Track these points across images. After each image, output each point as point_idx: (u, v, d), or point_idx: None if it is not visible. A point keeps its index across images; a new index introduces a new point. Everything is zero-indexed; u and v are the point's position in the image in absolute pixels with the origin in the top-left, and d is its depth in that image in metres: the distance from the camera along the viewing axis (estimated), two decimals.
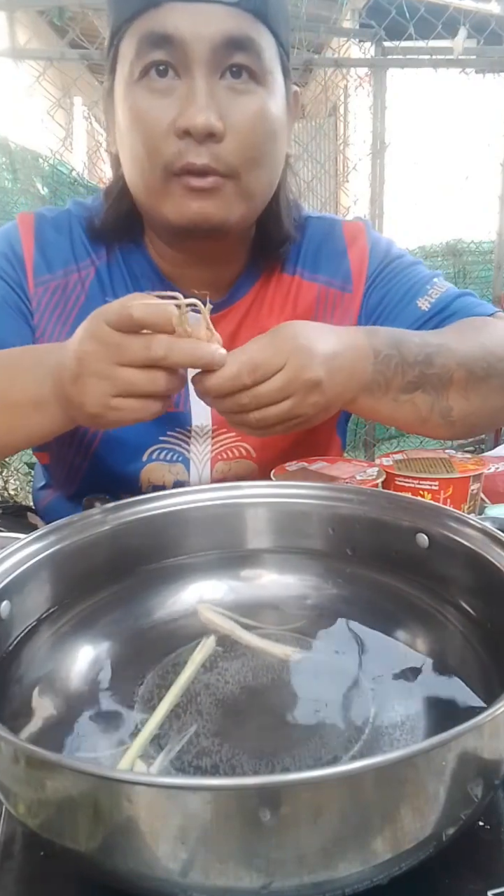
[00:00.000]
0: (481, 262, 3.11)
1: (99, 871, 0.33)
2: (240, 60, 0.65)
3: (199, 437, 0.83)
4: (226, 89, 0.66)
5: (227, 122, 0.66)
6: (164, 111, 0.66)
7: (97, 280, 0.81)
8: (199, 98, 0.64)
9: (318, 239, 0.86)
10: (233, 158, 0.67)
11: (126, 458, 0.82)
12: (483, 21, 2.75)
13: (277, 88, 0.70)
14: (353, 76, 3.14)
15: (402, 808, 0.30)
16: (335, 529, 0.59)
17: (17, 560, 0.49)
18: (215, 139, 0.66)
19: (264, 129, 0.68)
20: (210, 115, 0.64)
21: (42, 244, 0.80)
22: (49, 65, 2.32)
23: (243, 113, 0.66)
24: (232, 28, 0.64)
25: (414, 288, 0.84)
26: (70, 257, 0.80)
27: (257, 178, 0.70)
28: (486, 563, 0.48)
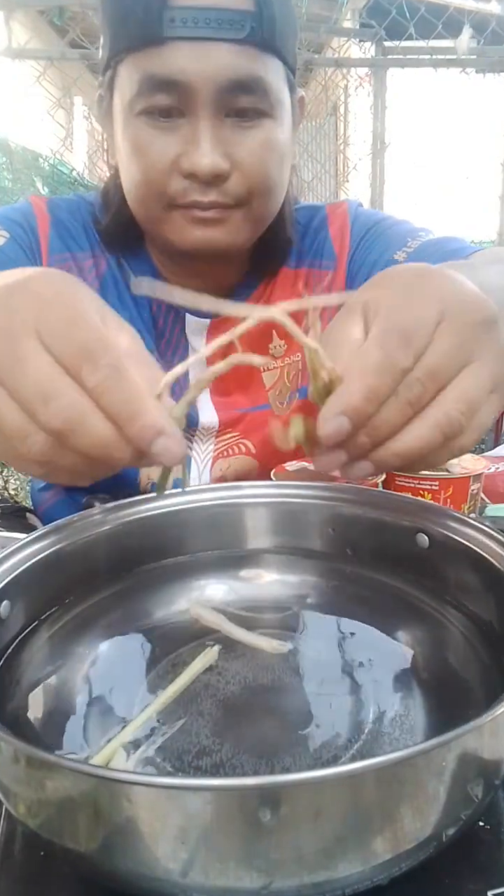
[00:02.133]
0: None
1: (99, 871, 0.33)
2: (245, 103, 0.64)
3: (204, 437, 0.83)
4: (232, 126, 0.64)
5: (234, 159, 0.64)
6: (167, 148, 0.64)
7: (110, 273, 0.79)
8: (204, 140, 0.62)
9: (304, 226, 0.84)
10: (241, 191, 0.66)
11: None
12: (483, 21, 2.74)
13: (286, 112, 0.68)
14: (354, 76, 3.14)
15: (402, 809, 0.30)
16: (335, 529, 0.59)
17: (17, 560, 0.49)
18: (222, 179, 0.64)
19: (272, 159, 0.67)
20: (215, 157, 0.63)
21: (57, 223, 0.78)
22: (49, 65, 2.32)
23: (250, 148, 0.65)
24: (238, 69, 0.62)
25: (394, 241, 0.80)
26: (84, 242, 0.78)
27: (265, 204, 0.69)
28: (486, 563, 0.48)
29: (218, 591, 0.56)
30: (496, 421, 3.01)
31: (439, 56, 2.53)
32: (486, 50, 2.62)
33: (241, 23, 0.60)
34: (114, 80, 0.67)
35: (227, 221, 0.67)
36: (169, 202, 0.66)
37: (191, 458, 0.84)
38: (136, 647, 0.50)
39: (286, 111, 0.68)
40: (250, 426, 0.84)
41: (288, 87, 0.68)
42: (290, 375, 0.85)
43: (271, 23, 0.62)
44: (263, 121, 0.65)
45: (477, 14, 2.70)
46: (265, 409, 0.84)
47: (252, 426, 0.84)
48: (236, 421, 0.84)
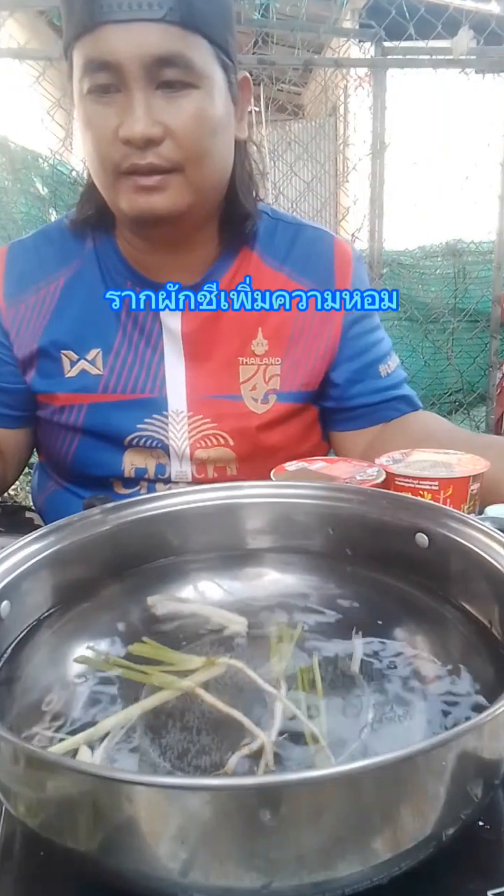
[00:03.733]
0: (481, 262, 3.11)
1: (99, 871, 0.33)
2: (170, 75, 0.71)
3: (176, 421, 0.87)
4: (162, 97, 0.72)
5: (166, 126, 0.72)
6: (109, 120, 0.72)
7: (66, 288, 0.87)
8: (136, 110, 0.71)
9: (308, 246, 0.90)
10: (174, 155, 0.73)
11: (107, 445, 0.87)
12: (483, 21, 2.74)
13: (215, 86, 0.75)
14: (353, 76, 3.14)
15: (402, 808, 0.30)
16: (335, 529, 0.59)
17: (17, 560, 0.49)
18: (155, 143, 0.72)
19: (202, 126, 0.74)
20: (146, 124, 0.70)
21: (11, 272, 0.88)
22: (49, 65, 2.32)
23: (180, 115, 0.72)
24: (160, 46, 0.69)
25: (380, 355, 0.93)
26: (39, 275, 0.87)
27: (202, 170, 0.76)
28: (485, 563, 0.48)
29: (218, 591, 0.56)
30: (496, 421, 3.02)
31: (439, 56, 2.54)
32: (486, 50, 2.62)
33: (159, 4, 0.69)
34: (71, 70, 0.76)
35: (166, 188, 0.75)
36: (115, 169, 0.74)
37: (168, 444, 0.87)
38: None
39: (216, 86, 0.75)
40: (222, 414, 0.87)
41: (221, 66, 0.75)
42: (267, 376, 0.88)
43: (190, 6, 0.70)
44: (191, 91, 0.72)
45: (477, 14, 2.70)
46: (237, 399, 0.88)
47: (223, 414, 0.87)
48: (207, 406, 0.87)
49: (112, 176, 0.75)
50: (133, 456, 0.87)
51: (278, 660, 0.45)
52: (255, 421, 0.87)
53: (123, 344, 0.86)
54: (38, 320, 0.86)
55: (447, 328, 3.06)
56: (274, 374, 0.88)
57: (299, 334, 0.88)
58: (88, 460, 0.88)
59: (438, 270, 3.14)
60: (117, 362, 0.86)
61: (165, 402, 0.86)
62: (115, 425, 0.86)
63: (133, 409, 0.86)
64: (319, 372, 0.90)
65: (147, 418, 0.86)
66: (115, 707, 0.44)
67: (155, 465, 0.88)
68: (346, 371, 0.91)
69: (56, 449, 0.90)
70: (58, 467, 0.93)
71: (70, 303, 0.87)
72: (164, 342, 0.86)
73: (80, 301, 0.87)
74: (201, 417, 0.87)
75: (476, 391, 3.13)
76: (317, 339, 0.89)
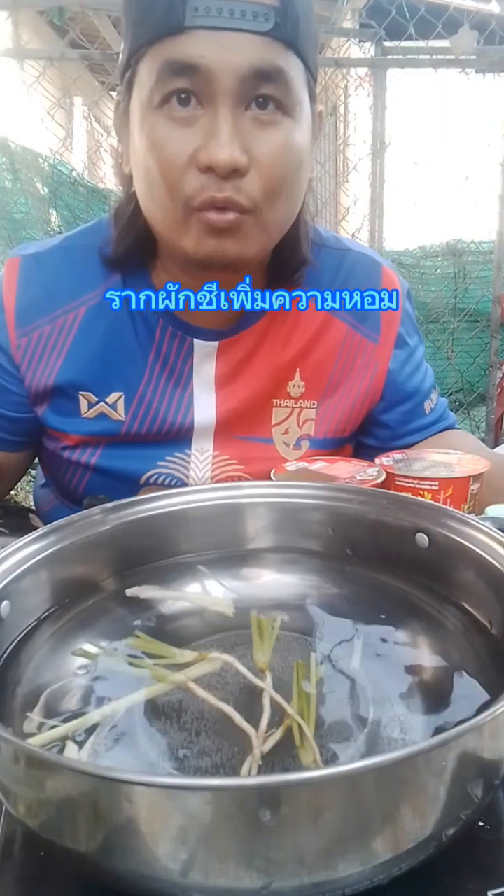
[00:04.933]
0: (481, 262, 3.11)
1: (99, 871, 0.33)
2: (267, 92, 0.62)
3: (199, 460, 0.81)
4: (251, 120, 0.63)
5: (252, 156, 0.63)
6: (185, 142, 0.63)
7: (87, 319, 0.78)
8: (223, 131, 0.61)
9: (355, 277, 0.83)
10: (256, 192, 0.65)
11: (123, 484, 0.80)
12: (483, 21, 2.74)
13: (305, 117, 0.67)
14: (353, 76, 3.13)
15: (402, 809, 0.30)
16: (335, 529, 0.59)
17: (17, 560, 0.49)
18: (239, 174, 0.63)
19: (289, 160, 0.65)
20: (234, 149, 0.61)
21: (25, 293, 0.78)
22: (49, 65, 2.32)
23: (269, 146, 0.64)
24: (261, 58, 0.61)
25: (426, 391, 0.88)
26: (57, 301, 0.78)
27: (278, 211, 0.68)
28: (486, 563, 0.48)
29: (217, 591, 0.56)
30: (496, 421, 3.01)
31: (439, 56, 2.53)
32: (486, 50, 2.62)
33: (265, 15, 0.59)
34: (133, 80, 0.66)
35: (239, 230, 0.66)
36: (186, 202, 0.64)
37: (188, 484, 0.81)
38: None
39: (306, 116, 0.67)
40: (250, 457, 0.82)
41: (308, 93, 0.67)
42: (301, 420, 0.83)
43: (295, 22, 0.61)
44: (283, 119, 0.64)
45: (477, 14, 2.70)
46: (268, 443, 0.82)
47: (252, 458, 0.82)
48: (235, 447, 0.82)
49: (182, 211, 0.65)
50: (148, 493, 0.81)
51: (262, 653, 0.45)
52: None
53: (149, 387, 0.79)
54: (53, 353, 0.77)
55: (447, 328, 3.06)
56: (308, 419, 0.82)
57: (339, 376, 0.82)
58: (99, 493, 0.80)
59: (438, 270, 3.13)
60: (141, 408, 0.78)
61: (190, 441, 0.80)
62: (132, 465, 0.80)
63: (154, 449, 0.80)
64: (357, 417, 0.84)
65: (169, 456, 0.80)
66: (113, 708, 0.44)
67: None
68: (398, 413, 0.86)
69: (65, 482, 0.84)
70: (64, 493, 0.87)
71: (91, 337, 0.78)
72: (194, 384, 0.79)
73: (102, 336, 0.78)
74: (227, 458, 0.81)
75: (476, 391, 3.12)
76: (358, 383, 0.83)
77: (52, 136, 2.44)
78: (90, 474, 0.81)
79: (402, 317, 0.85)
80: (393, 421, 0.86)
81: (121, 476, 0.80)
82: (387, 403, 0.85)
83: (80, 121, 3.75)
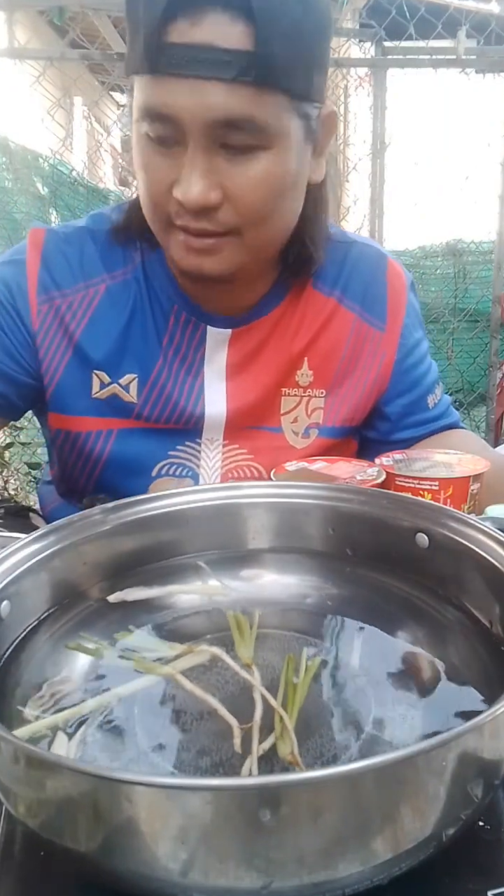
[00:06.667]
0: (481, 262, 3.11)
1: (99, 871, 0.33)
2: (237, 139, 0.63)
3: (210, 449, 0.82)
4: (225, 158, 0.64)
5: (227, 190, 0.65)
6: (166, 173, 0.65)
7: (107, 296, 0.79)
8: (194, 173, 0.63)
9: (361, 267, 0.84)
10: (231, 221, 0.67)
11: (135, 474, 0.81)
12: (483, 21, 2.74)
13: (291, 141, 0.66)
14: (353, 76, 3.13)
15: (402, 809, 0.30)
16: (335, 529, 0.59)
17: (17, 560, 0.49)
18: (212, 209, 0.65)
19: (268, 191, 0.66)
20: (204, 189, 0.63)
21: (49, 261, 0.79)
22: (49, 65, 2.32)
23: (243, 181, 0.65)
24: (228, 108, 0.61)
25: (430, 385, 0.89)
26: (79, 274, 0.79)
27: (261, 234, 0.69)
28: (486, 563, 0.48)
29: (217, 591, 0.56)
30: (496, 421, 3.01)
31: (439, 56, 2.53)
32: (486, 50, 2.62)
33: (230, 63, 0.60)
34: (132, 92, 0.67)
35: (219, 251, 0.69)
36: (167, 220, 0.68)
37: (199, 473, 0.82)
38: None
39: (292, 140, 0.66)
40: (259, 446, 0.82)
41: (300, 115, 0.66)
42: (310, 409, 0.83)
43: (269, 60, 0.61)
44: (258, 154, 0.65)
45: (476, 14, 2.70)
46: (277, 432, 0.83)
47: (261, 447, 0.82)
48: (244, 436, 0.82)
49: (164, 225, 0.69)
50: (159, 486, 0.81)
51: (245, 649, 0.46)
52: (293, 455, 0.82)
53: (163, 372, 0.80)
54: (71, 325, 0.78)
55: (447, 328, 3.06)
56: (317, 408, 0.83)
57: (347, 366, 0.83)
58: (112, 490, 0.80)
59: (438, 270, 3.13)
60: (154, 392, 0.80)
61: (200, 431, 0.81)
62: (145, 452, 0.81)
63: (166, 436, 0.81)
64: (365, 406, 0.85)
65: (180, 445, 0.81)
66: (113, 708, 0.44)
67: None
68: (399, 405, 0.86)
69: (77, 473, 0.84)
70: (74, 488, 0.86)
71: (109, 316, 0.79)
72: (205, 373, 0.81)
73: (120, 316, 0.79)
74: (237, 447, 0.82)
75: (476, 391, 3.12)
76: (366, 372, 0.83)
77: (52, 136, 2.44)
78: (103, 463, 0.81)
79: (409, 308, 0.85)
80: (394, 413, 0.86)
81: (134, 464, 0.81)
82: (389, 394, 0.86)
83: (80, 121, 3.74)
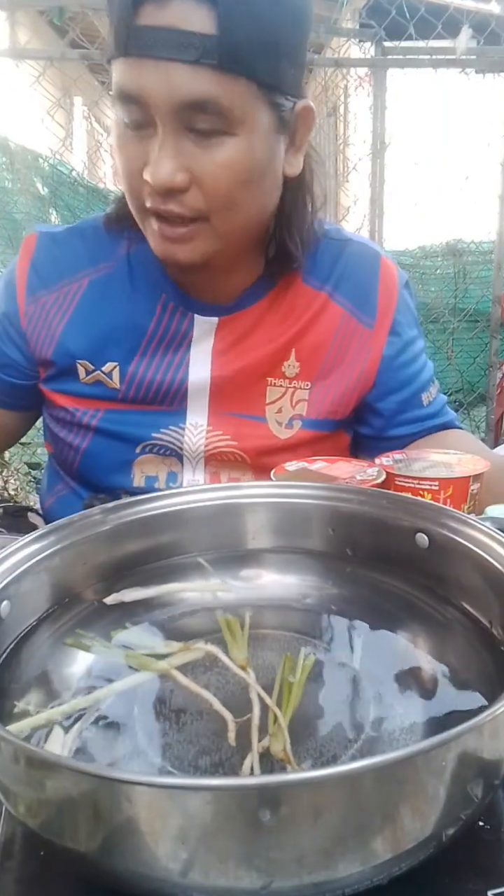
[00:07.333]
0: (481, 262, 3.11)
1: (99, 872, 0.33)
2: (202, 122, 0.65)
3: (193, 433, 0.84)
4: (193, 141, 0.66)
5: (194, 174, 0.67)
6: (138, 156, 0.68)
7: (90, 289, 0.82)
8: (162, 154, 0.65)
9: (354, 265, 0.85)
10: (198, 205, 0.68)
11: (120, 450, 0.84)
12: (483, 21, 2.74)
13: (256, 129, 0.67)
14: (353, 76, 3.13)
15: (402, 809, 0.30)
16: (335, 529, 0.59)
17: (17, 560, 0.49)
18: (178, 192, 0.67)
19: (234, 176, 0.68)
20: (171, 171, 0.65)
21: (37, 263, 0.83)
22: (49, 65, 2.32)
23: (210, 166, 0.67)
24: (193, 90, 0.63)
25: (424, 383, 0.88)
26: (65, 271, 0.83)
27: (231, 221, 0.71)
28: (486, 563, 0.48)
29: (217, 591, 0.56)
30: (496, 421, 3.01)
31: (439, 56, 2.53)
32: (486, 50, 2.62)
33: (192, 45, 0.61)
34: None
35: (191, 240, 0.71)
36: (141, 206, 0.70)
37: (182, 454, 0.84)
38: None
39: (257, 130, 0.68)
40: (242, 434, 0.84)
41: (268, 104, 0.68)
42: (294, 400, 0.85)
43: (233, 45, 0.62)
44: (224, 139, 0.66)
45: (476, 14, 2.70)
46: (261, 421, 0.84)
47: (244, 434, 0.84)
48: (228, 423, 0.84)
49: (139, 211, 0.72)
50: (143, 463, 0.84)
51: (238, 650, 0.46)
52: (276, 445, 0.84)
53: (145, 358, 0.82)
54: (55, 320, 0.82)
55: (447, 328, 3.06)
56: (301, 399, 0.84)
57: (334, 359, 0.84)
58: (98, 461, 0.85)
59: (438, 270, 3.13)
60: (136, 378, 0.82)
61: (184, 415, 0.83)
62: (129, 432, 0.84)
63: (150, 418, 0.84)
64: (349, 401, 0.86)
65: (164, 428, 0.83)
66: (113, 707, 0.44)
67: (167, 472, 0.85)
68: (393, 402, 0.87)
69: (67, 444, 0.87)
70: (65, 465, 0.90)
71: (92, 307, 0.82)
72: (190, 357, 0.82)
73: (103, 307, 0.82)
74: (220, 433, 0.83)
75: (476, 391, 3.12)
76: (351, 367, 0.84)
77: (52, 136, 2.44)
78: (91, 436, 0.85)
79: (400, 306, 0.86)
80: (387, 409, 0.87)
81: (119, 438, 0.84)
82: (380, 391, 0.86)
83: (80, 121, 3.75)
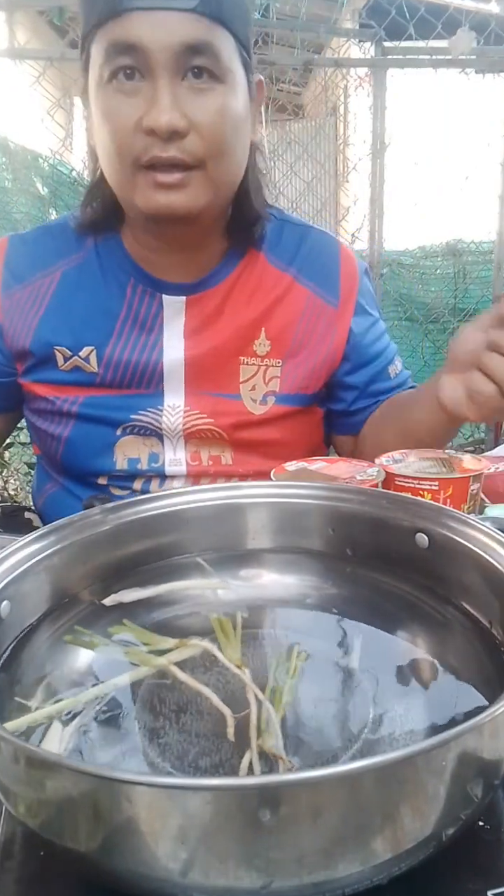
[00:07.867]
0: (481, 262, 3.11)
1: (99, 871, 0.33)
2: (199, 63, 0.71)
3: (171, 414, 0.87)
4: (188, 89, 0.71)
5: (190, 119, 0.71)
6: (132, 111, 0.71)
7: (63, 280, 0.87)
8: (163, 99, 0.70)
9: (317, 250, 0.91)
10: (198, 150, 0.72)
11: (101, 433, 0.87)
12: (483, 21, 2.74)
13: (238, 83, 0.75)
14: (353, 76, 3.13)
15: (402, 808, 0.30)
16: (335, 529, 0.59)
17: (17, 560, 0.49)
18: (179, 136, 0.71)
19: (226, 122, 0.73)
20: (173, 114, 0.70)
21: (10, 262, 0.88)
22: (49, 65, 2.32)
23: (205, 109, 0.72)
24: (190, 34, 0.69)
25: (390, 357, 0.95)
26: (37, 266, 0.87)
27: (223, 167, 0.75)
28: (486, 563, 0.48)
29: (217, 591, 0.56)
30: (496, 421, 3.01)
31: (439, 56, 2.53)
32: (486, 50, 2.62)
33: None
34: (88, 61, 0.74)
35: (186, 186, 0.74)
36: (134, 162, 0.73)
37: (162, 434, 0.87)
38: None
39: (239, 82, 0.75)
40: (219, 412, 0.87)
41: (242, 64, 0.75)
42: (267, 377, 0.89)
43: (219, 1, 0.70)
44: (216, 86, 0.72)
45: (477, 14, 2.70)
46: (236, 398, 0.88)
47: (220, 412, 0.87)
48: (204, 402, 0.87)
49: (130, 169, 0.74)
50: (125, 446, 0.87)
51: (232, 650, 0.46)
52: (252, 420, 0.88)
53: (121, 340, 0.86)
54: (31, 311, 0.86)
55: (447, 328, 3.06)
56: (274, 376, 0.89)
57: (302, 337, 0.88)
58: (81, 447, 0.88)
59: (438, 270, 3.14)
60: (112, 360, 0.86)
61: (162, 398, 0.87)
62: (110, 414, 0.87)
63: (128, 401, 0.87)
64: (320, 376, 0.90)
65: (142, 410, 0.87)
66: (113, 707, 0.44)
67: (148, 453, 0.88)
68: (365, 374, 0.92)
69: (49, 434, 0.90)
70: (50, 457, 0.93)
71: (66, 297, 0.86)
72: (164, 338, 0.86)
73: (76, 296, 0.86)
74: (198, 413, 0.87)
75: None
76: (319, 344, 0.89)
77: (52, 136, 2.44)
78: (73, 423, 0.88)
79: (361, 289, 0.92)
80: (359, 382, 0.93)
81: (100, 422, 0.87)
82: (352, 365, 0.91)
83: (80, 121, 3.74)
